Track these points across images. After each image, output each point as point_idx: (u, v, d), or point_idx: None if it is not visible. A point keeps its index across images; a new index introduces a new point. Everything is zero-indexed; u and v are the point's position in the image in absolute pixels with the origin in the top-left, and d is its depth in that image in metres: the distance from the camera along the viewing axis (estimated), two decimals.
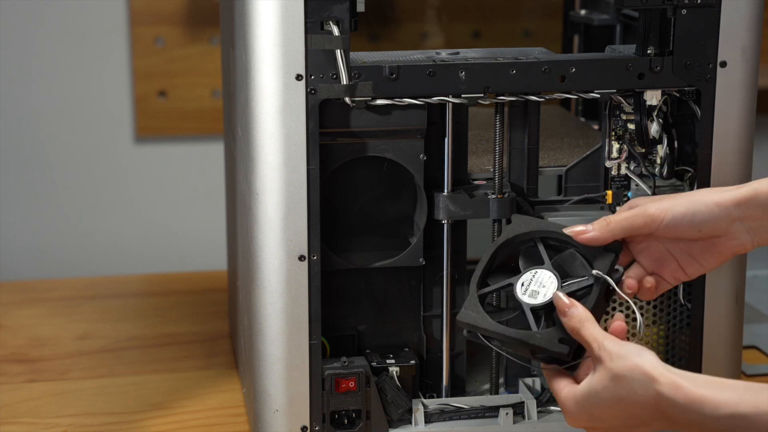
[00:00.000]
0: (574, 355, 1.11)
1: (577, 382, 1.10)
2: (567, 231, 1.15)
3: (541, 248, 1.16)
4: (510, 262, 1.18)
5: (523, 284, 1.14)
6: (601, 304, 1.14)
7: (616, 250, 1.15)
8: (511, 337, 1.13)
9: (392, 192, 1.28)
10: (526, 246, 1.17)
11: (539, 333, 1.12)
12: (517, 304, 1.14)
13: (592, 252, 1.15)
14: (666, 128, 1.27)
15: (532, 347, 1.12)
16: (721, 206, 1.11)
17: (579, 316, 1.10)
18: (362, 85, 1.19)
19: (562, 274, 1.15)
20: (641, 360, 1.04)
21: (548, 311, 1.14)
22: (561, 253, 1.16)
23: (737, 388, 1.00)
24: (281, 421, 1.24)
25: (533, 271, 1.15)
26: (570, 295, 1.13)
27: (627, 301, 1.16)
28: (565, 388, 1.10)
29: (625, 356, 1.04)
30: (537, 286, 1.14)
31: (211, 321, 1.67)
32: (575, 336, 1.10)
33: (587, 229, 1.14)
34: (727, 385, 1.01)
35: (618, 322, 1.11)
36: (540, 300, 1.14)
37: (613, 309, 1.30)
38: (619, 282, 1.15)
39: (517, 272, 1.16)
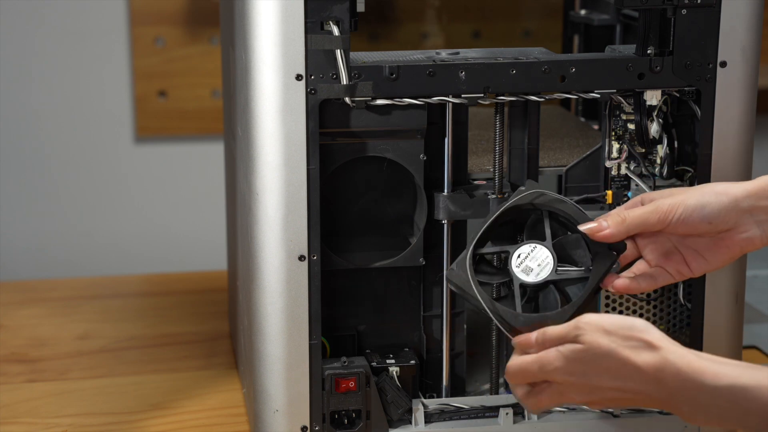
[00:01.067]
0: None
1: None
2: (581, 228, 1.15)
3: (547, 224, 1.17)
4: (513, 226, 1.19)
5: (519, 255, 1.16)
6: (588, 303, 1.15)
7: (620, 251, 1.15)
8: (493, 311, 1.14)
9: (392, 192, 1.28)
10: (534, 216, 1.18)
11: (522, 316, 1.14)
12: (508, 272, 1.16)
13: (596, 243, 1.15)
14: (666, 128, 1.27)
15: (511, 327, 1.13)
16: (730, 196, 1.12)
17: (538, 333, 1.09)
18: (362, 85, 1.19)
19: (562, 257, 1.16)
20: (647, 334, 1.04)
21: (536, 290, 1.16)
22: (566, 236, 1.17)
23: (738, 364, 1.01)
24: (281, 421, 1.24)
25: (533, 245, 1.16)
26: (561, 282, 1.15)
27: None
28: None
29: (630, 327, 1.04)
30: (533, 262, 1.16)
31: (211, 321, 1.67)
32: (541, 346, 1.09)
33: (602, 227, 1.14)
34: (727, 361, 1.02)
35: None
36: (531, 279, 1.16)
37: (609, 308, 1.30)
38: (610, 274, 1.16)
39: (517, 240, 1.17)
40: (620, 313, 1.30)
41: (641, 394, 1.04)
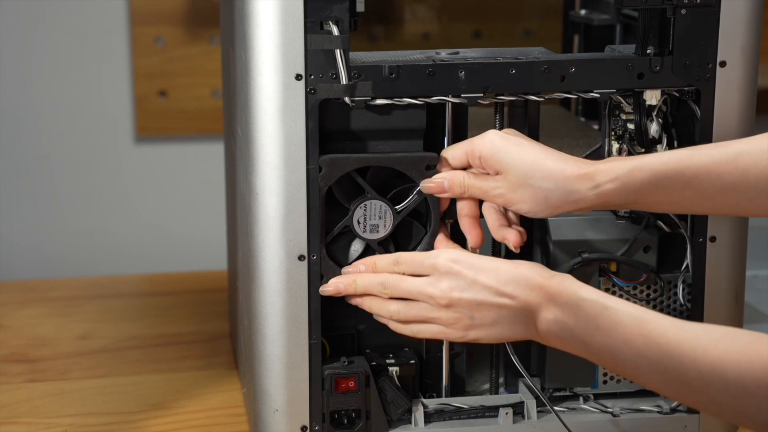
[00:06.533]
0: None
1: None
2: (424, 184, 1.20)
3: (359, 179, 1.20)
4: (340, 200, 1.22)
5: (359, 222, 1.20)
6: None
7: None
8: None
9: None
10: (345, 182, 1.20)
11: None
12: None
13: (409, 165, 1.20)
14: (666, 128, 1.27)
15: None
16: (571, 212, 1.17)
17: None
18: (362, 85, 1.19)
19: (390, 194, 1.21)
20: (530, 270, 1.12)
21: (395, 237, 1.22)
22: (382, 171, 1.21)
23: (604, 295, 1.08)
24: (281, 420, 1.24)
25: (362, 204, 1.20)
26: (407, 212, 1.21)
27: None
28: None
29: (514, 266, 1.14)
30: (374, 219, 1.20)
31: (211, 321, 1.67)
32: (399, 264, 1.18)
33: (444, 189, 1.20)
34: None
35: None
36: (383, 233, 1.21)
37: None
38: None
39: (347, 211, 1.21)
40: None
41: (517, 307, 1.11)
